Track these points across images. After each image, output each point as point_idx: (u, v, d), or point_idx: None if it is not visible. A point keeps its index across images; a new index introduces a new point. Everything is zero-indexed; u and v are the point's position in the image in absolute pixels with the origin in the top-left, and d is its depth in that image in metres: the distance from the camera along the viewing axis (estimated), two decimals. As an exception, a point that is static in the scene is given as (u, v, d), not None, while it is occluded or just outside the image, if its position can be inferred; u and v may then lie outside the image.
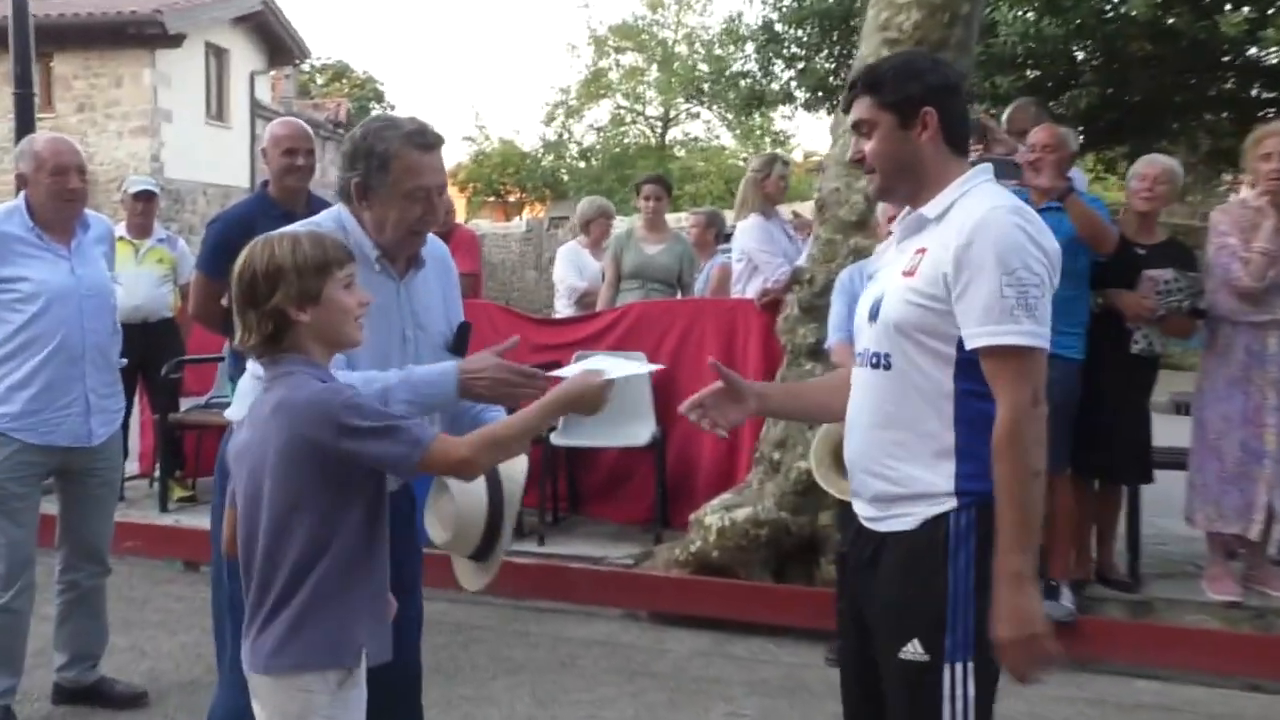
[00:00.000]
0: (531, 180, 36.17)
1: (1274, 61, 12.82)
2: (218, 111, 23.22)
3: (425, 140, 2.82)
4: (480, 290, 7.26)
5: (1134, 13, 11.76)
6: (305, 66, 33.80)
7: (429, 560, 3.18)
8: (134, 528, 6.21)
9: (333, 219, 2.89)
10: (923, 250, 2.37)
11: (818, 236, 5.39)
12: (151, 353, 6.69)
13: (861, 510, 2.48)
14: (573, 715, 4.33)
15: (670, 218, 7.94)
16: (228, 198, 22.56)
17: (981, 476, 2.29)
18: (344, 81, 37.30)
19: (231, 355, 4.94)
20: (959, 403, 2.33)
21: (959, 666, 2.29)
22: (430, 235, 3.01)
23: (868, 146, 2.47)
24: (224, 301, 4.98)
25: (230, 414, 2.99)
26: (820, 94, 15.71)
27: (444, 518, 2.85)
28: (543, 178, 36.32)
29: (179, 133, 21.13)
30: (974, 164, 2.48)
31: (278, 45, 24.94)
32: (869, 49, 5.30)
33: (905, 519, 2.37)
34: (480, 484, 2.81)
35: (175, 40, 20.50)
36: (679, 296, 6.99)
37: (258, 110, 24.28)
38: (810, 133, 56.84)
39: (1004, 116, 5.92)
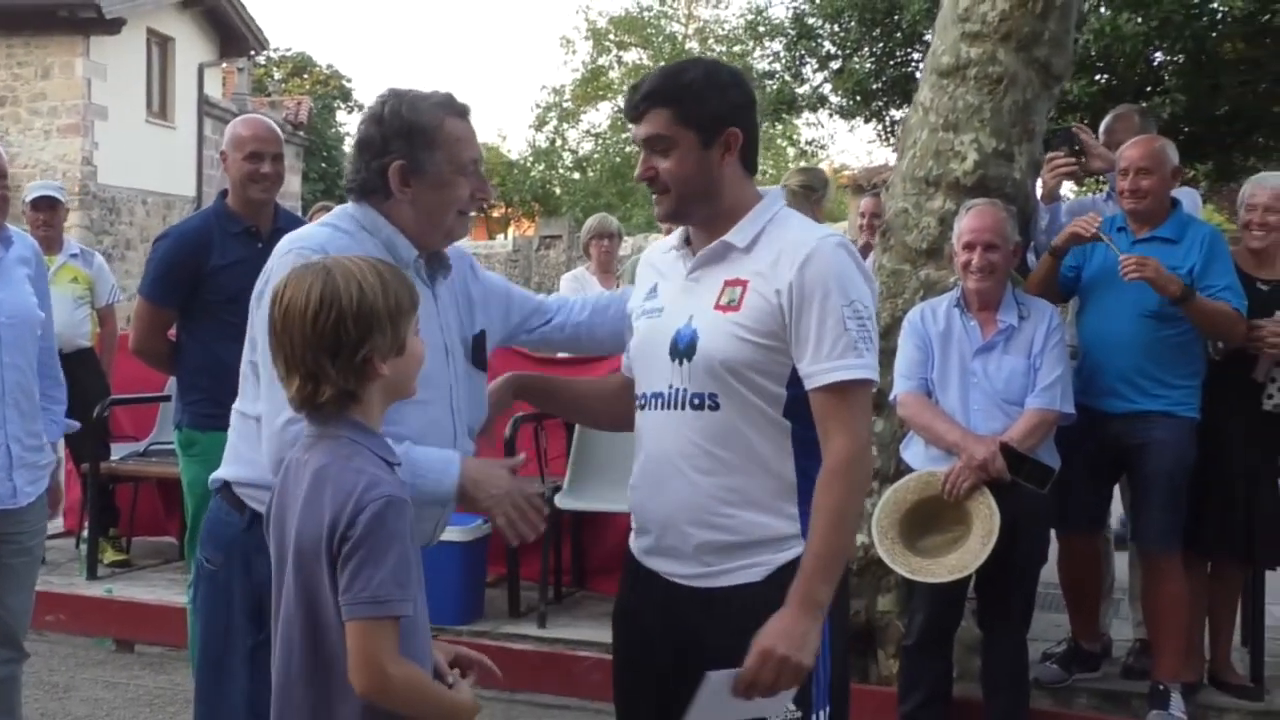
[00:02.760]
0: (519, 193, 36.13)
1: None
2: (160, 109, 23.16)
3: (462, 107, 2.76)
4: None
5: (1228, 7, 11.68)
6: (261, 59, 33.82)
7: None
8: (57, 598, 6.03)
9: (349, 220, 2.71)
10: (739, 282, 2.57)
11: (881, 267, 5.21)
12: (69, 390, 6.45)
13: (673, 568, 2.62)
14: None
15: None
16: (170, 208, 22.51)
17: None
18: (306, 77, 37.32)
19: (179, 397, 4.75)
20: (795, 439, 2.56)
21: (822, 714, 2.57)
22: None
23: (663, 165, 2.60)
24: (171, 334, 4.81)
25: (223, 474, 2.76)
26: (858, 99, 15.63)
27: None
28: (531, 190, 36.29)
29: (115, 132, 21.04)
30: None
31: (230, 34, 24.92)
32: (945, 43, 5.17)
33: (751, 570, 2.56)
34: None
35: (113, 26, 20.45)
36: None
37: (206, 108, 24.22)
38: (845, 143, 56.86)
39: (1101, 128, 5.76)
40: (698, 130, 2.58)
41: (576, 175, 37.34)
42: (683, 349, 2.57)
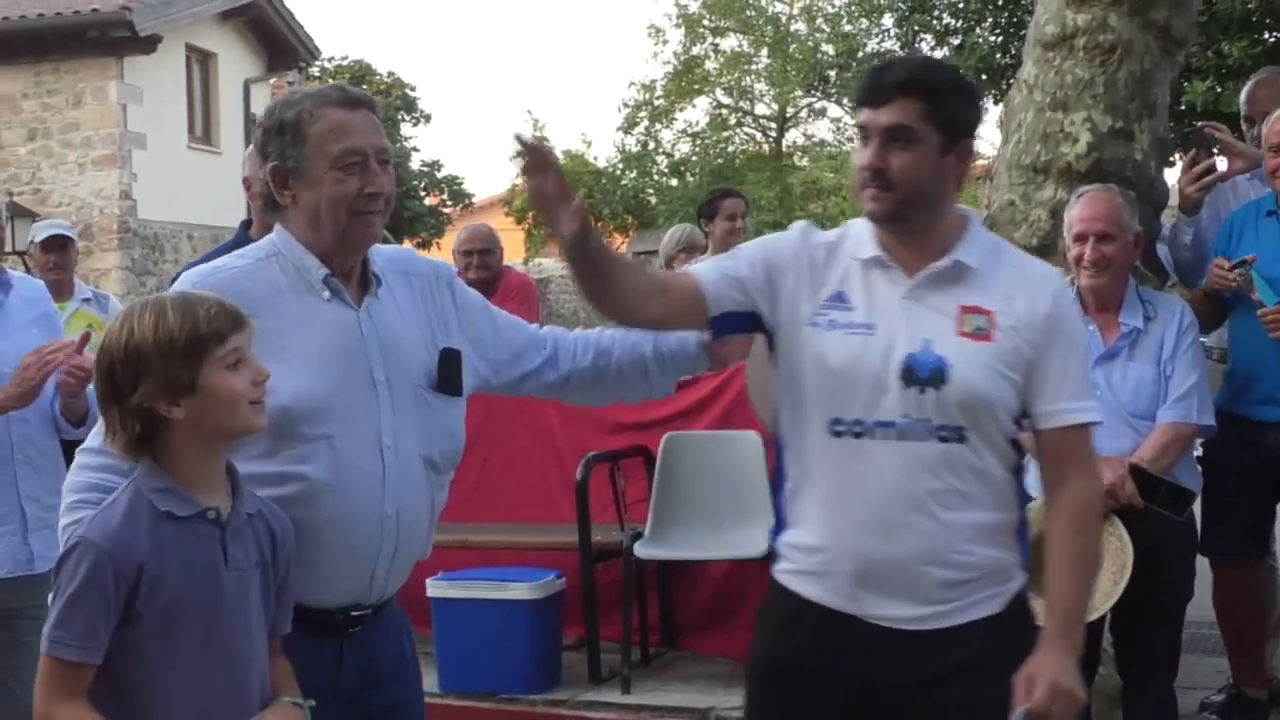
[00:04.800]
0: (609, 204, 36.21)
1: None
2: (204, 132, 23.68)
3: (347, 96, 2.80)
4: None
5: None
6: (315, 69, 34.47)
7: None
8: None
9: (264, 247, 2.85)
10: (982, 311, 2.73)
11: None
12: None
13: (895, 610, 2.72)
14: None
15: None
16: (219, 242, 22.92)
17: (1024, 547, 2.84)
18: (365, 87, 37.80)
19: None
20: (1015, 476, 2.80)
21: None
22: (395, 246, 3.07)
23: (897, 159, 2.70)
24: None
25: None
26: (984, 77, 15.57)
27: None
28: (623, 201, 36.39)
29: (155, 161, 21.55)
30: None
31: (278, 45, 25.43)
32: (1048, 10, 5.23)
33: (992, 601, 2.76)
34: None
35: (148, 44, 20.97)
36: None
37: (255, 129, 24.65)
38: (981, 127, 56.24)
39: (1242, 96, 5.71)
40: (943, 132, 2.73)
41: (674, 181, 37.38)
42: (925, 377, 2.69)
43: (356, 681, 2.74)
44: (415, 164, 36.35)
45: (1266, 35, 13.34)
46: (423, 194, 35.40)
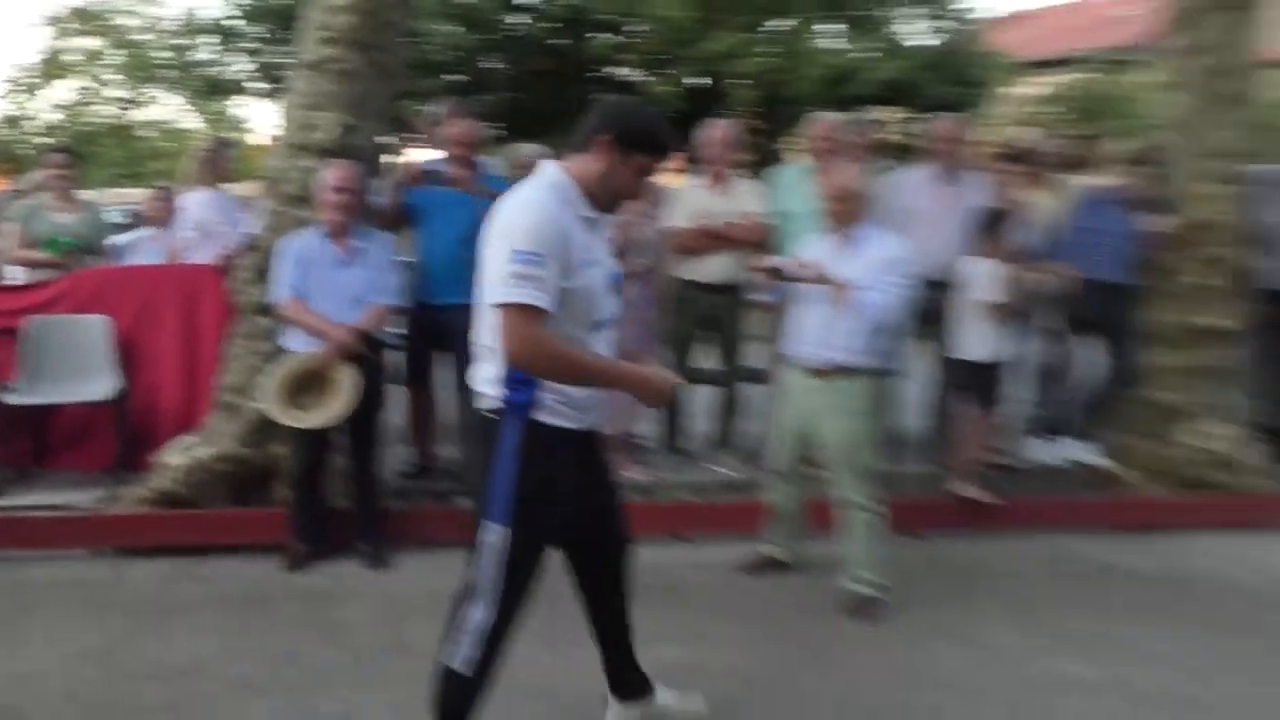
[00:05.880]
0: (-12, 155, 31.35)
1: (631, 78, 14.19)
2: None
3: None
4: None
5: (529, 32, 12.49)
6: None
7: None
8: None
9: None
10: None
11: (268, 209, 5.21)
12: None
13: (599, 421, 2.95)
14: (38, 655, 3.93)
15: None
16: None
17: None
18: None
19: None
20: None
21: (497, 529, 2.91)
22: None
23: None
24: None
25: None
26: (275, 84, 15.05)
27: None
28: (3, 152, 31.65)
29: None
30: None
31: None
32: (309, 44, 5.20)
33: None
34: None
35: None
36: (97, 263, 6.32)
37: None
38: (269, 118, 53.67)
39: (433, 112, 6.02)
40: None
41: (49, 140, 32.92)
42: (616, 283, 2.90)
43: None
44: None
45: (445, 76, 13.92)
46: None
